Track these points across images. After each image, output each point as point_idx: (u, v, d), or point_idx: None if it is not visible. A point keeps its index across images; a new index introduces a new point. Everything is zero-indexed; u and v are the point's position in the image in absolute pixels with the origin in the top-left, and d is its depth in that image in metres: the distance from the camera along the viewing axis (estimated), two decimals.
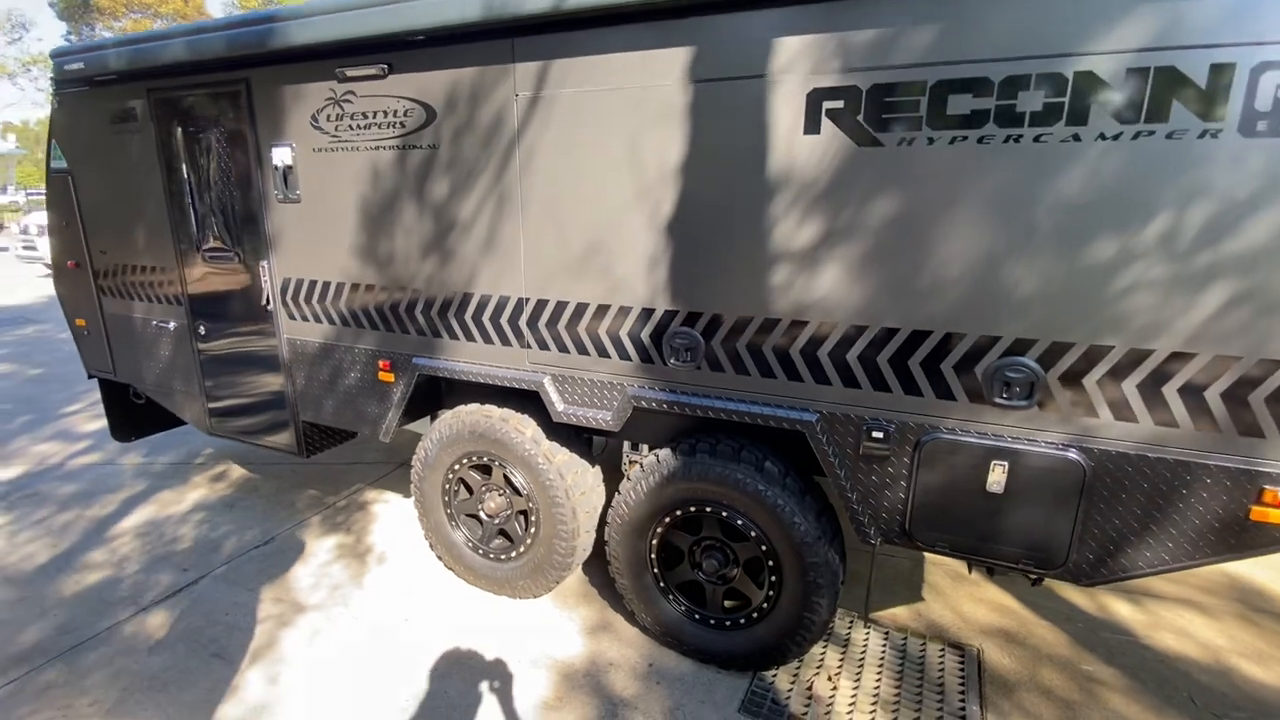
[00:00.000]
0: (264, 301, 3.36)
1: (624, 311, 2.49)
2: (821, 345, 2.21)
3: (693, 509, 2.61)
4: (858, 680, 2.66)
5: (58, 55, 3.59)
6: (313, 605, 3.13)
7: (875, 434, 2.19)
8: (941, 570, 3.41)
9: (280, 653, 2.81)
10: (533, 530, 3.00)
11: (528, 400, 2.92)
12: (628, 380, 2.58)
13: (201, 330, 3.65)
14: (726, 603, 2.73)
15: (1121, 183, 1.78)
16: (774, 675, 2.68)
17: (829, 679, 2.67)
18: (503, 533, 3.16)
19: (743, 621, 2.65)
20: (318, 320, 3.23)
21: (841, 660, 2.77)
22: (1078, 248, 1.85)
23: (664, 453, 2.64)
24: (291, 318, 3.31)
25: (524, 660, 2.77)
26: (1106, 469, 1.96)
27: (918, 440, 2.15)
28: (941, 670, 2.72)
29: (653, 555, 2.76)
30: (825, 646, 2.85)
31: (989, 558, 2.17)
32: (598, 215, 2.45)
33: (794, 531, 2.41)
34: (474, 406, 3.04)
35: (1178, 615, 3.05)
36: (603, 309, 2.53)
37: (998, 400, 2.03)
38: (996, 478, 2.06)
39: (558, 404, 2.73)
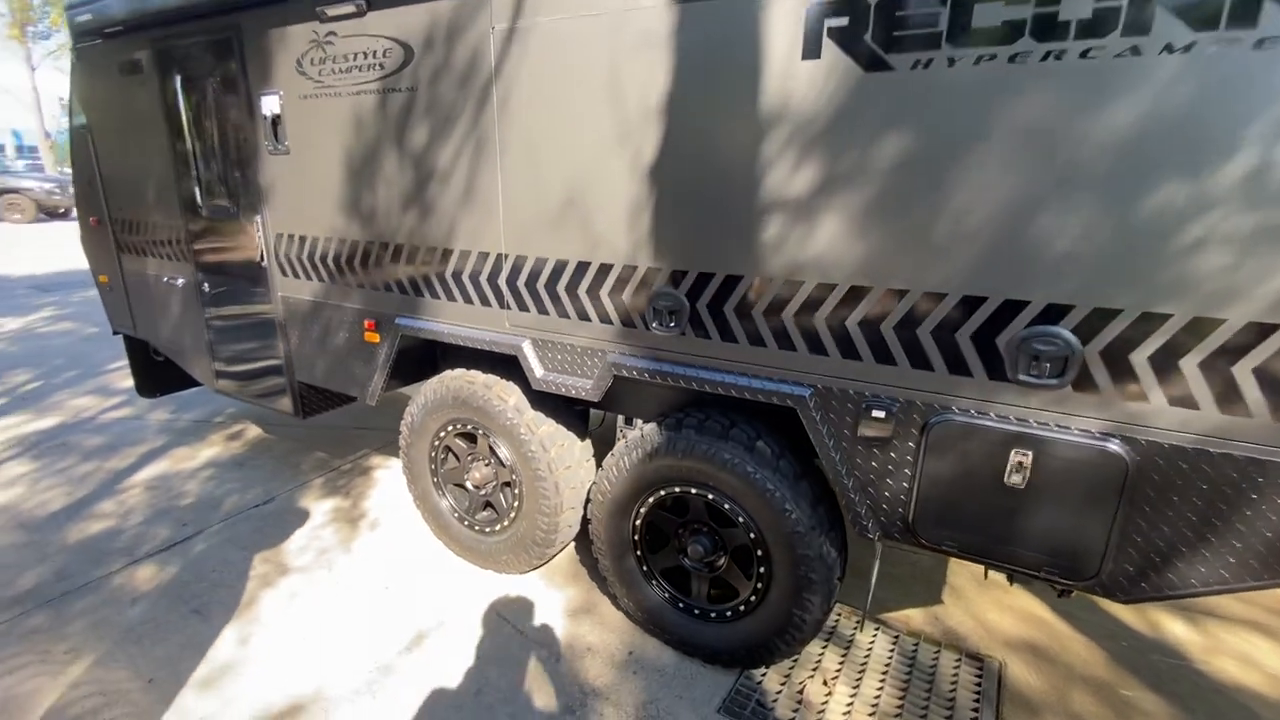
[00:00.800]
0: (259, 258, 3.29)
1: (604, 270, 2.26)
2: (818, 309, 1.93)
3: (678, 489, 2.38)
4: (856, 686, 2.40)
5: (70, 7, 3.58)
6: (297, 568, 3.08)
7: (876, 413, 1.90)
8: (967, 571, 3.08)
9: (257, 613, 2.76)
10: (516, 504, 2.84)
11: (513, 367, 2.74)
12: (608, 346, 2.36)
13: (206, 287, 3.63)
14: (713, 592, 2.50)
15: (1191, 108, 1.42)
16: (763, 674, 2.45)
17: (824, 682, 2.42)
18: (489, 504, 3.01)
19: (729, 614, 2.42)
20: (308, 277, 3.14)
21: (841, 663, 2.51)
22: (1132, 192, 1.50)
23: (649, 427, 2.42)
24: (285, 275, 3.23)
25: (498, 638, 2.62)
26: (1155, 465, 1.62)
27: (925, 422, 1.85)
28: (954, 683, 2.42)
29: (636, 537, 2.55)
30: (825, 646, 2.59)
31: (1005, 562, 1.86)
32: (576, 161, 2.21)
33: (785, 520, 2.15)
34: (459, 371, 2.88)
35: (1242, 639, 2.64)
36: (583, 266, 2.31)
37: (1023, 377, 1.70)
38: (1017, 469, 1.74)
39: (537, 370, 2.54)
